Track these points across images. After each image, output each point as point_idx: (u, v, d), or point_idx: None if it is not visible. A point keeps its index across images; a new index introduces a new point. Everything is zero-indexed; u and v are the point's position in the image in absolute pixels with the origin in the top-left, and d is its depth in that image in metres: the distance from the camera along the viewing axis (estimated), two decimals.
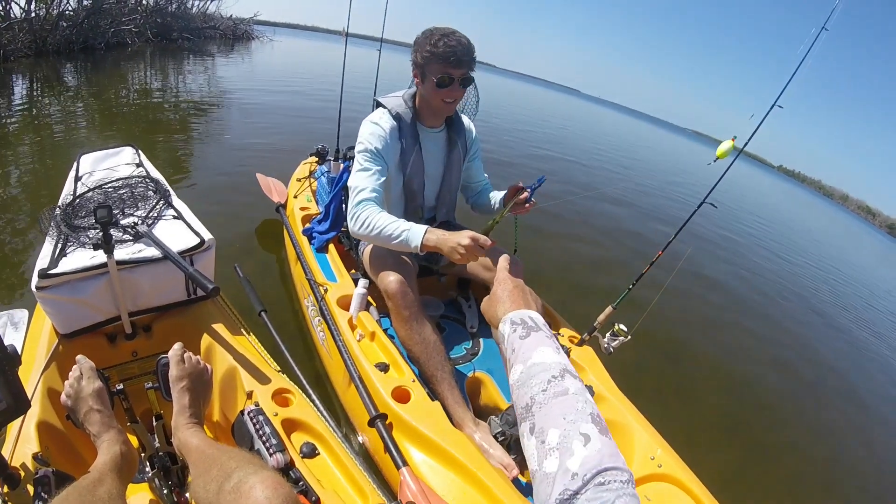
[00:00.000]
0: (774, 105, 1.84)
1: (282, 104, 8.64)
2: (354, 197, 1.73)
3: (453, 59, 1.67)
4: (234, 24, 22.23)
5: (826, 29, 1.74)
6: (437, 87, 1.72)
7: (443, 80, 1.70)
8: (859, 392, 4.00)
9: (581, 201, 6.71)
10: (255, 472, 0.82)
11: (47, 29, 9.86)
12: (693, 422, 2.80)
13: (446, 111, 1.85)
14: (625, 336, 1.87)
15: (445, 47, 1.65)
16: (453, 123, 1.96)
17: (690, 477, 1.52)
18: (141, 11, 14.43)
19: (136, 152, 2.11)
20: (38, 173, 3.93)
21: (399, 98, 1.88)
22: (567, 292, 3.87)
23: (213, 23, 20.51)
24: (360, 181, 1.74)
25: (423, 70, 1.74)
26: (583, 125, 24.13)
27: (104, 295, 1.41)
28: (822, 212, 35.23)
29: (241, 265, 2.23)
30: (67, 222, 1.53)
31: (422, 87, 1.79)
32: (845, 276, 9.15)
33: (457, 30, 1.70)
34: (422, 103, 1.87)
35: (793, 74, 1.81)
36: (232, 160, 5.01)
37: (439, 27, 1.72)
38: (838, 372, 4.28)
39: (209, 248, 1.58)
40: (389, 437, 1.43)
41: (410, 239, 1.60)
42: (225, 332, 1.55)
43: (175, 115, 6.85)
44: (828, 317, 5.79)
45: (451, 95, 1.76)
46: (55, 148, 4.59)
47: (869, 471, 2.96)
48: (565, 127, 19.13)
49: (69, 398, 1.09)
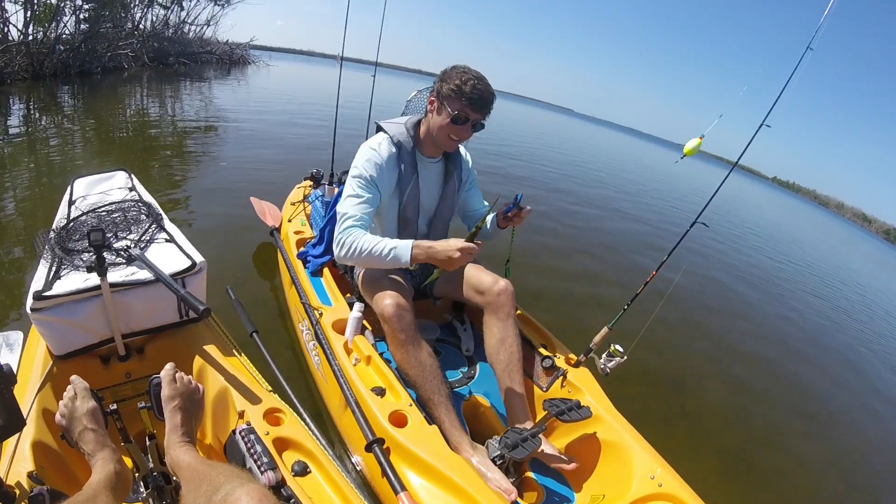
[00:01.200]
0: (762, 125, 1.86)
1: (277, 128, 8.69)
2: (341, 223, 1.74)
3: (478, 102, 1.71)
4: (230, 48, 22.36)
5: (811, 49, 1.77)
6: (451, 122, 1.74)
7: (458, 118, 1.73)
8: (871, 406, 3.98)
9: (574, 217, 6.75)
10: (242, 485, 0.83)
11: (44, 52, 9.94)
12: (693, 438, 2.79)
13: (448, 147, 1.88)
14: (621, 356, 1.86)
15: (473, 89, 1.68)
16: (451, 155, 1.98)
17: (691, 495, 1.50)
18: (138, 36, 14.58)
19: (128, 176, 2.14)
20: (33, 197, 3.92)
21: (401, 125, 1.90)
22: (562, 313, 3.87)
23: (210, 47, 20.66)
24: (349, 208, 1.75)
25: (442, 101, 1.75)
26: (577, 144, 24.32)
27: (98, 317, 1.43)
28: (818, 222, 35.39)
29: (235, 288, 2.22)
30: (61, 245, 1.55)
31: (434, 116, 1.81)
32: (837, 275, 9.18)
33: (484, 76, 1.74)
34: (426, 134, 1.88)
35: (779, 95, 1.83)
36: (227, 184, 5.03)
37: (471, 69, 1.74)
38: (840, 378, 4.29)
39: (201, 270, 1.61)
40: (387, 461, 1.41)
41: (400, 254, 1.64)
42: (217, 352, 1.57)
43: (171, 139, 6.87)
44: (830, 322, 5.84)
45: (460, 134, 1.79)
46: (51, 171, 4.60)
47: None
48: (558, 147, 19.25)
49: (64, 418, 1.10)
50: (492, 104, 1.75)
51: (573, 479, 1.74)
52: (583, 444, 1.78)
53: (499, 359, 1.84)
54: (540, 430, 1.63)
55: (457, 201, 2.06)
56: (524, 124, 28.46)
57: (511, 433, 1.59)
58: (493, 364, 1.87)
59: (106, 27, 12.28)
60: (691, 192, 14.14)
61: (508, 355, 1.83)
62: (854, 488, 2.88)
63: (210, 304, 1.40)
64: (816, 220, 38.14)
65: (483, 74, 1.74)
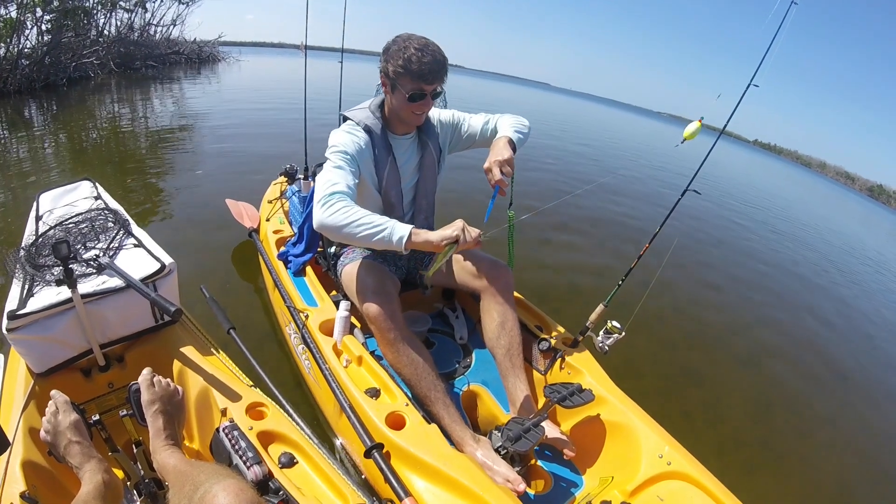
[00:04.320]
0: (750, 85, 1.79)
1: (250, 125, 8.52)
2: (326, 189, 1.52)
3: (429, 76, 1.61)
4: (198, 47, 21.90)
5: (794, 3, 1.70)
6: (408, 101, 1.66)
7: (415, 96, 1.64)
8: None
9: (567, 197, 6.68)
10: (219, 482, 0.85)
11: (7, 69, 9.63)
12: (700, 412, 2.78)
13: (417, 122, 1.79)
14: (619, 333, 1.82)
15: (420, 63, 1.58)
16: (423, 126, 1.87)
17: (702, 471, 1.48)
18: (102, 43, 14.19)
19: (93, 185, 2.10)
20: (4, 216, 3.80)
21: (366, 110, 1.80)
22: (555, 292, 3.84)
23: (178, 48, 20.19)
24: (333, 176, 1.57)
25: (393, 83, 1.66)
26: (557, 117, 24.18)
27: (73, 330, 1.43)
28: (801, 182, 35.60)
29: (214, 289, 2.16)
30: (32, 262, 1.54)
31: (391, 97, 1.72)
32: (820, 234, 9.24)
33: (429, 40, 1.63)
34: (391, 112, 1.79)
35: (766, 52, 1.76)
36: (204, 188, 4.90)
37: (412, 36, 1.63)
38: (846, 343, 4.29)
39: (171, 272, 1.59)
40: (388, 466, 1.37)
41: (395, 231, 1.44)
42: (195, 353, 1.57)
43: (144, 146, 6.69)
44: (816, 286, 5.84)
45: (421, 109, 1.70)
46: (26, 189, 4.45)
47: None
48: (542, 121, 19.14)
49: (48, 434, 1.12)
50: (445, 69, 1.65)
51: (581, 464, 1.71)
52: (587, 426, 1.74)
53: (499, 343, 1.79)
54: (542, 418, 1.58)
55: (438, 172, 1.95)
56: (508, 103, 28.16)
57: (513, 424, 1.54)
58: (493, 349, 1.83)
59: (68, 36, 11.91)
60: (677, 161, 14.05)
61: (509, 339, 1.79)
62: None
63: (188, 306, 1.41)
64: (802, 180, 38.33)
65: (426, 39, 1.62)
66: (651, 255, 1.89)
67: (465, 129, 1.96)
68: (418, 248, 1.48)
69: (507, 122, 1.84)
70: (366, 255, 1.88)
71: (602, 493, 1.54)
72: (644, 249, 1.89)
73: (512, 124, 1.81)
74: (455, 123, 1.96)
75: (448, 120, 1.96)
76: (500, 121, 1.89)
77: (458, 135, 1.97)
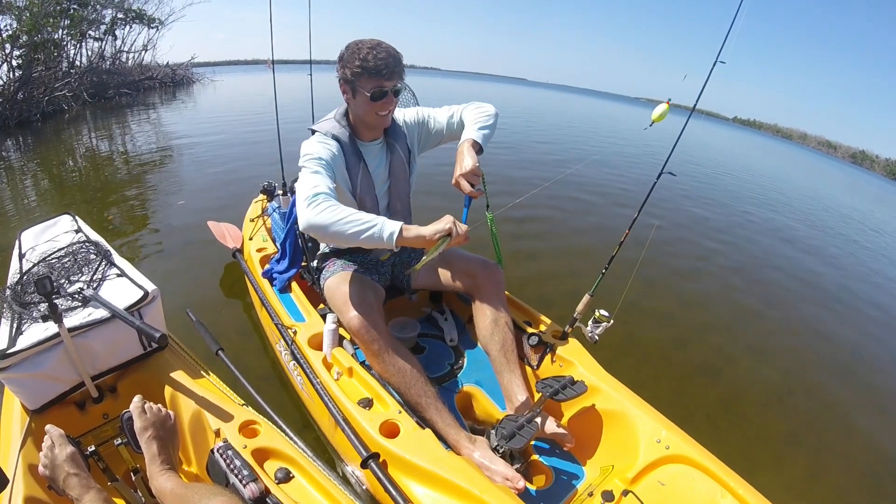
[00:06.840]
0: (717, 62, 1.80)
1: (226, 145, 8.47)
2: (310, 190, 1.50)
3: (385, 71, 1.60)
4: (172, 70, 21.75)
5: None
6: (371, 101, 1.65)
7: (376, 94, 1.64)
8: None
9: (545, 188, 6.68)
10: (209, 501, 0.88)
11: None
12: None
13: (382, 124, 1.78)
14: (607, 321, 1.82)
15: (376, 60, 1.58)
16: (389, 129, 1.87)
17: (701, 452, 1.49)
18: (74, 74, 14.06)
19: (73, 219, 2.10)
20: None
21: (332, 120, 1.80)
22: (541, 286, 3.86)
23: (151, 73, 20.04)
24: (314, 179, 1.55)
25: (353, 86, 1.66)
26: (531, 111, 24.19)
27: (64, 364, 1.43)
28: (783, 154, 35.79)
29: (202, 312, 2.15)
30: (18, 300, 1.54)
31: (353, 103, 1.72)
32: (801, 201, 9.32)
33: (381, 40, 1.64)
34: (356, 119, 1.79)
35: (730, 27, 1.76)
36: (184, 212, 4.87)
37: (363, 40, 1.64)
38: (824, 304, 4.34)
39: (154, 298, 1.60)
40: (386, 476, 1.37)
41: (385, 228, 1.43)
42: (185, 377, 1.57)
43: (123, 174, 6.63)
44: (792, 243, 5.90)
45: (385, 108, 1.69)
46: (7, 228, 4.40)
47: None
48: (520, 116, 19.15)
49: (46, 468, 1.12)
50: (401, 65, 1.65)
51: (580, 455, 1.71)
52: (584, 417, 1.75)
53: (493, 339, 1.80)
54: (535, 414, 1.59)
55: (410, 173, 1.94)
56: (484, 100, 28.10)
57: (506, 422, 1.54)
58: (486, 346, 1.83)
59: (39, 70, 11.79)
60: (652, 143, 14.08)
61: (503, 335, 1.80)
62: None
63: (177, 331, 1.37)
64: (783, 152, 38.48)
65: (377, 39, 1.64)
66: (632, 241, 1.90)
67: (432, 125, 1.94)
68: (409, 243, 1.47)
69: (471, 118, 1.83)
70: (347, 266, 1.88)
71: (603, 482, 1.55)
72: (624, 236, 1.90)
73: (475, 119, 1.80)
74: (421, 121, 1.95)
75: (413, 119, 1.95)
76: (465, 113, 1.88)
77: (425, 132, 1.96)
